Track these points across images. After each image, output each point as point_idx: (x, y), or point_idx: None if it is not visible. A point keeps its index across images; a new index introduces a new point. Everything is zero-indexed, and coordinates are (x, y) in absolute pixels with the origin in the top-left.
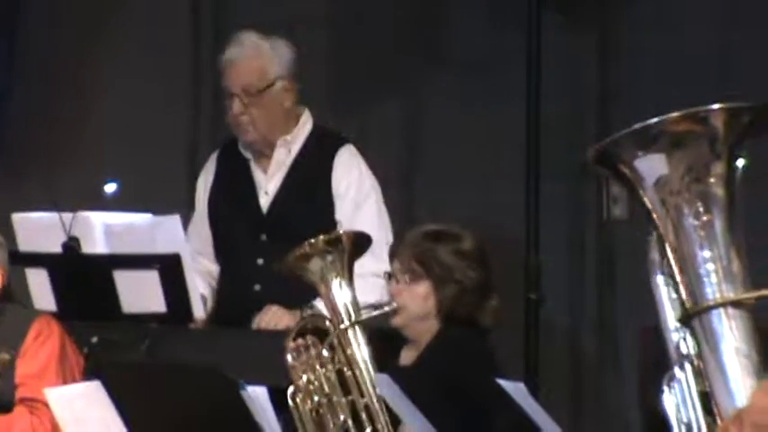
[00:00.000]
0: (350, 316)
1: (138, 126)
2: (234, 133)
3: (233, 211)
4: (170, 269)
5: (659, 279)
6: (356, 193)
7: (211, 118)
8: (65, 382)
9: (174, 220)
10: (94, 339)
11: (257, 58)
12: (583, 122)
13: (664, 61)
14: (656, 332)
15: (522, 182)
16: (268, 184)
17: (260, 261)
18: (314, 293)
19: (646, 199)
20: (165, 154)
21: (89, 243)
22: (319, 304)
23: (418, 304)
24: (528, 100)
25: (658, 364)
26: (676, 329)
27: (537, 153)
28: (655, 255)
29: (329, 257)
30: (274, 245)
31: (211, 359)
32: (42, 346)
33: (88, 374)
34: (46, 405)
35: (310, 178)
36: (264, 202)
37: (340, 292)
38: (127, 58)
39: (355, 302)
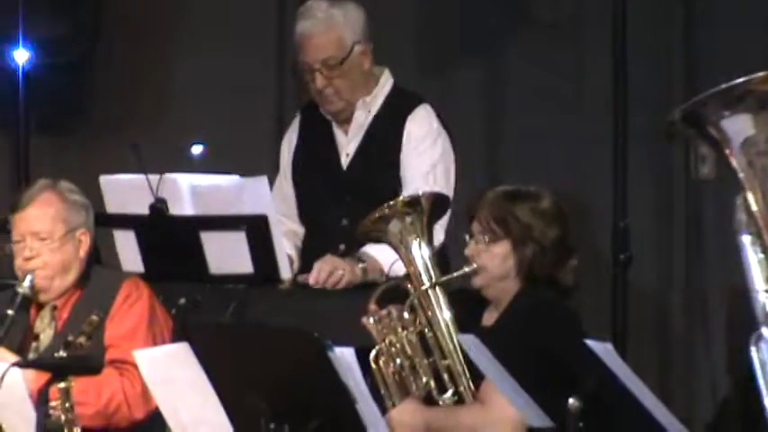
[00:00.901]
0: (430, 277)
1: (224, 87)
2: (317, 102)
3: (316, 173)
4: (257, 230)
5: (746, 239)
6: (426, 156)
7: (297, 82)
8: (154, 343)
9: (262, 182)
10: (182, 301)
11: (332, 29)
12: (669, 83)
13: (750, 21)
14: (743, 293)
15: (608, 143)
16: (349, 145)
17: (344, 221)
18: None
19: (732, 159)
20: (252, 115)
21: (176, 205)
22: (370, 250)
23: (498, 264)
24: (614, 61)
25: (746, 324)
26: (764, 290)
27: (624, 115)
28: (742, 215)
29: (408, 219)
30: (358, 205)
31: (298, 320)
32: (131, 308)
33: (176, 336)
34: (135, 366)
35: (386, 138)
36: (345, 162)
37: (419, 253)
38: (213, 19)
39: (435, 264)
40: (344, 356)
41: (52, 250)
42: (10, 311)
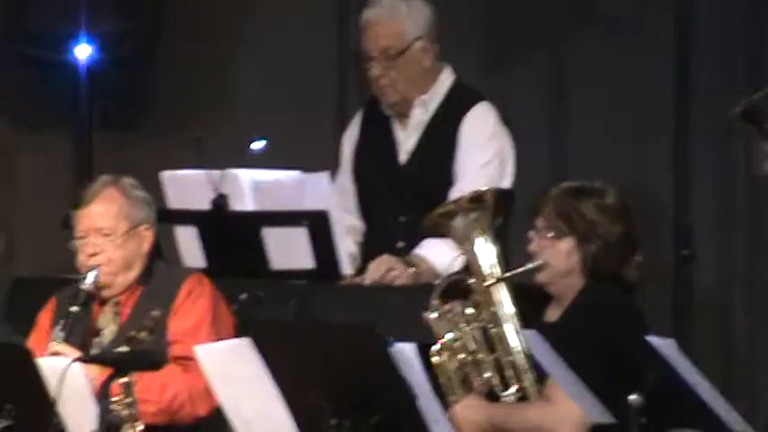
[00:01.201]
0: (495, 273)
1: (286, 82)
2: (374, 93)
3: (375, 169)
4: (318, 226)
5: None
6: (480, 153)
7: (358, 79)
8: (218, 339)
9: (323, 178)
10: (243, 296)
11: (394, 19)
12: (732, 78)
13: None
14: None
15: (670, 140)
16: (407, 142)
17: (402, 218)
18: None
19: None
20: (314, 111)
21: (238, 200)
22: (424, 251)
23: (562, 260)
24: (677, 55)
25: None
26: None
27: (687, 109)
28: None
29: (472, 215)
30: (416, 202)
31: (359, 316)
32: (194, 304)
33: (238, 332)
34: (198, 363)
35: (444, 135)
36: (404, 159)
37: (484, 249)
38: (275, 14)
39: (500, 260)
40: (405, 352)
41: (115, 246)
42: (74, 307)
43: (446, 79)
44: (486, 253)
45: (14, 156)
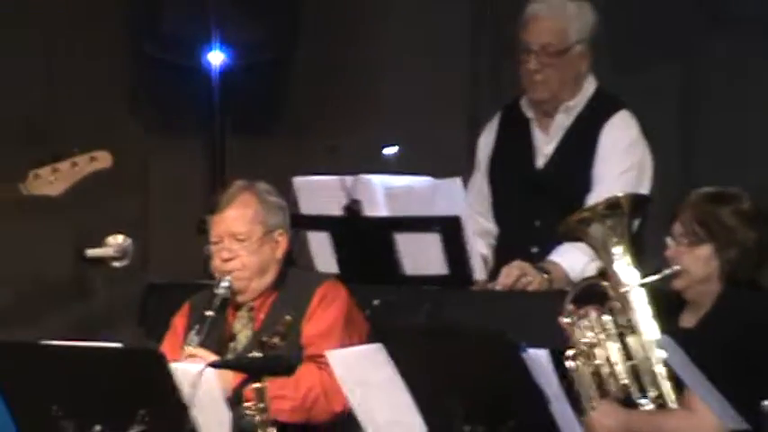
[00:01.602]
0: (631, 279)
1: (418, 89)
2: (524, 86)
3: (511, 172)
4: (451, 232)
5: None
6: (619, 160)
7: (491, 82)
8: (350, 344)
9: (455, 183)
10: (376, 302)
11: (561, 18)
12: None
13: None
14: None
15: None
16: (546, 147)
17: (537, 223)
18: None
19: None
20: (446, 117)
21: (370, 206)
22: (558, 258)
23: (700, 267)
24: None
25: None
26: None
27: None
28: None
29: (608, 221)
30: (551, 207)
31: (492, 321)
32: (328, 308)
33: (371, 338)
34: None
35: (584, 142)
36: (542, 163)
37: (620, 255)
38: (406, 21)
39: (636, 266)
40: (538, 357)
41: (250, 252)
42: (209, 312)
43: (590, 86)
44: (623, 259)
45: (148, 161)
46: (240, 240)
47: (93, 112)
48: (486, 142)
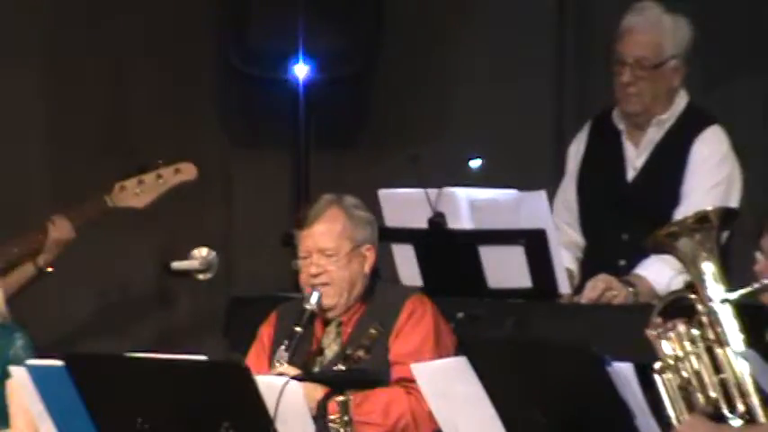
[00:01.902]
0: (719, 294)
1: (502, 102)
2: (616, 98)
3: (600, 183)
4: (536, 245)
5: None
6: (709, 175)
7: (576, 96)
8: (439, 359)
9: (540, 196)
10: (460, 315)
11: (657, 32)
12: None
13: None
14: None
15: None
16: (637, 160)
17: (625, 236)
18: None
19: None
20: (530, 130)
21: (454, 219)
22: (644, 271)
23: None
24: None
25: None
26: None
27: None
28: None
29: (697, 235)
30: (640, 220)
31: (577, 335)
32: (417, 325)
33: (458, 351)
34: None
35: (674, 156)
36: (631, 176)
37: (708, 269)
38: (490, 32)
39: (724, 280)
40: (623, 371)
41: (339, 267)
42: (298, 328)
43: (681, 100)
44: (711, 273)
45: (232, 174)
46: (328, 256)
47: (178, 124)
48: (575, 152)
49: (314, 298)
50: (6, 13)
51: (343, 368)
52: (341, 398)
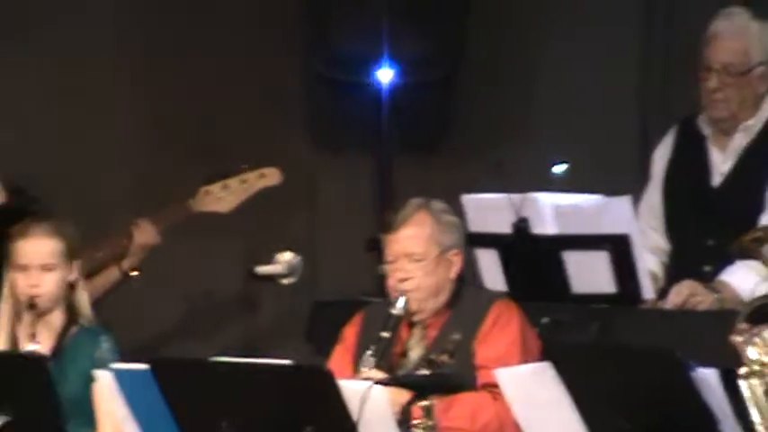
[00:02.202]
0: None
1: (586, 105)
2: (703, 103)
3: (686, 188)
4: (620, 250)
5: None
6: None
7: (661, 100)
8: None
9: (624, 202)
10: (544, 320)
11: (744, 38)
12: None
13: None
14: None
15: None
16: (723, 165)
17: (710, 242)
18: None
19: None
20: (615, 135)
21: (539, 223)
22: (729, 277)
23: None
24: None
25: None
26: None
27: None
28: None
29: None
30: (725, 226)
31: (661, 340)
32: (503, 330)
33: (543, 357)
34: None
35: (761, 162)
36: (717, 182)
37: None
38: (574, 35)
39: None
40: (708, 377)
41: (426, 272)
42: (385, 333)
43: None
44: None
45: (316, 178)
46: (416, 261)
47: (262, 129)
48: (661, 156)
49: (400, 303)
50: (99, 16)
51: (426, 372)
52: (425, 402)
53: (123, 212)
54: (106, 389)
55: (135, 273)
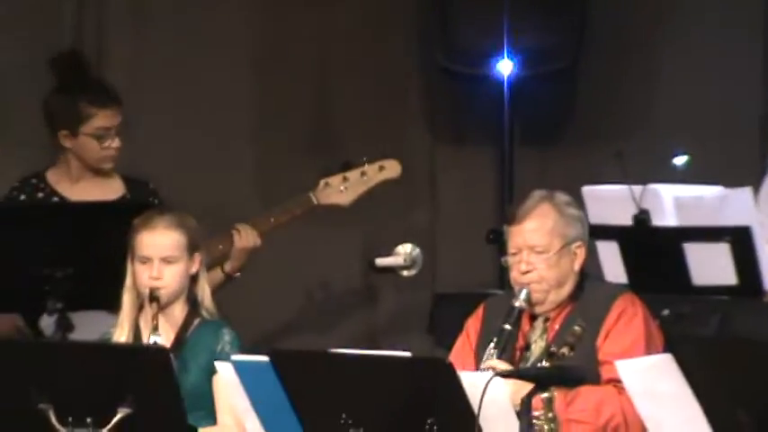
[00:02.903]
0: None
1: (708, 97)
2: None
3: None
4: (741, 242)
5: None
6: None
7: None
8: None
9: (745, 193)
10: (665, 312)
11: None
12: None
13: None
14: None
15: None
16: None
17: None
18: None
19: None
20: (736, 126)
21: (659, 215)
22: None
23: None
24: None
25: None
26: None
27: None
28: None
29: None
30: None
31: None
32: (628, 325)
33: (666, 349)
34: None
35: None
36: None
37: None
38: (696, 26)
39: None
40: None
41: (549, 265)
42: (507, 326)
43: None
44: None
45: (436, 170)
46: (538, 253)
47: (383, 121)
48: None
49: (523, 295)
50: (216, 12)
51: (547, 365)
52: (546, 394)
53: (243, 208)
54: (227, 381)
55: (238, 274)
